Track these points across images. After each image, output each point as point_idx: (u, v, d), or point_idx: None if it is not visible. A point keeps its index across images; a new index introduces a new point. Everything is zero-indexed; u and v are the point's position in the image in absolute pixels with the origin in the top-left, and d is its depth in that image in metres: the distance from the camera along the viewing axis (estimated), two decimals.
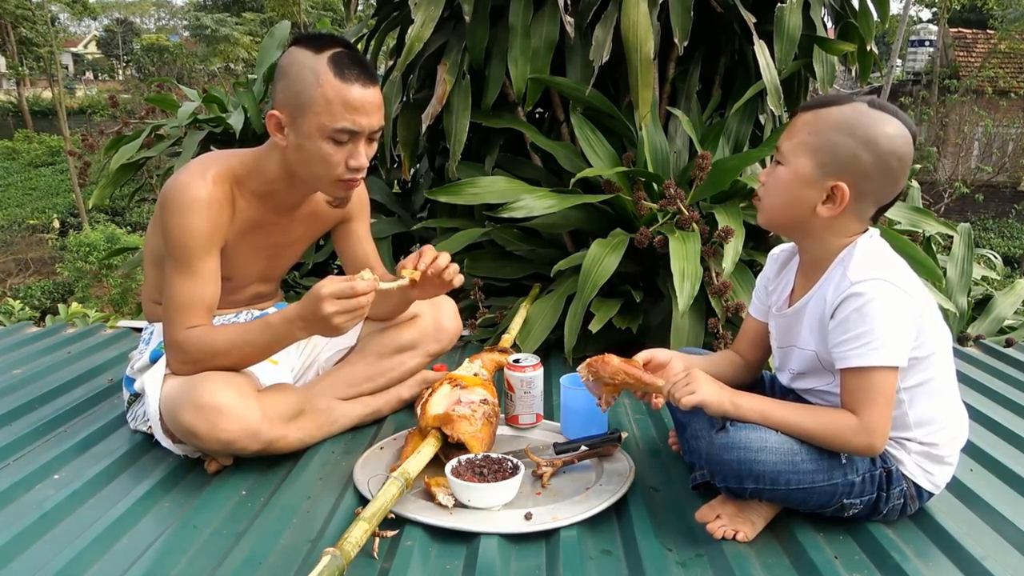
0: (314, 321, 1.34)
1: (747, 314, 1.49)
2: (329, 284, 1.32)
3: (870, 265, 1.18)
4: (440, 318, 1.77)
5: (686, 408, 1.21)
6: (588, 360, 1.35)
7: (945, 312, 2.61)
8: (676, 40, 2.24)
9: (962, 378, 2.03)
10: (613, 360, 1.33)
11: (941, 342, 1.23)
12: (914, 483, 1.24)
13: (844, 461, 1.19)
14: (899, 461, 1.23)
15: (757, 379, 1.49)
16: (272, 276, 1.73)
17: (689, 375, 1.22)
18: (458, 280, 1.52)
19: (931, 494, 1.27)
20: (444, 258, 1.49)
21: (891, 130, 1.17)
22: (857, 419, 1.15)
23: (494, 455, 1.38)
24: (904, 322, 1.15)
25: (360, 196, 1.70)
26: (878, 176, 1.18)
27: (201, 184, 1.42)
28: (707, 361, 1.46)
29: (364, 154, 1.43)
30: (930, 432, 1.23)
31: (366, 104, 1.39)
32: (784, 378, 1.37)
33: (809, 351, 1.26)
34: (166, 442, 1.46)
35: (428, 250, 1.50)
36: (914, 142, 1.20)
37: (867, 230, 1.24)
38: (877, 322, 1.13)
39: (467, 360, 1.75)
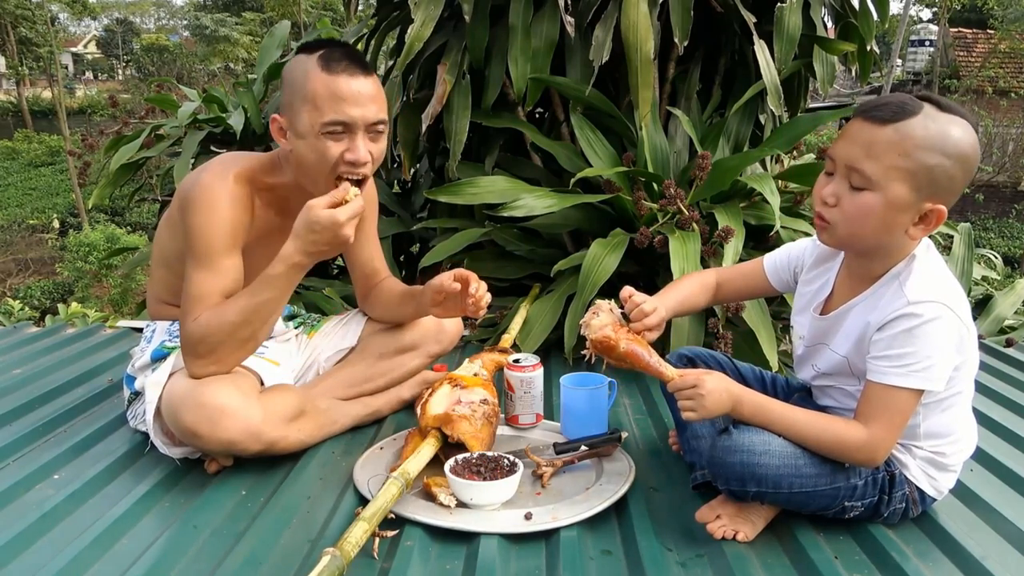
0: (333, 245, 1.37)
1: (761, 265, 1.45)
2: (339, 213, 1.34)
3: (929, 285, 1.14)
4: (441, 319, 1.77)
5: (685, 418, 1.22)
6: (592, 340, 1.31)
7: None
8: (676, 40, 2.24)
9: None
10: (619, 345, 1.29)
11: (971, 362, 1.20)
12: (917, 487, 1.24)
13: (847, 465, 1.19)
14: (903, 465, 1.23)
15: (757, 379, 1.49)
16: None
17: (697, 385, 1.19)
18: (482, 313, 1.55)
19: (933, 499, 1.27)
20: (486, 299, 1.54)
21: (970, 136, 1.11)
22: (865, 433, 1.14)
23: (490, 454, 1.38)
24: (950, 349, 1.13)
25: (370, 195, 1.69)
26: (964, 186, 1.15)
27: (223, 184, 1.43)
28: (677, 293, 1.45)
29: (362, 148, 1.40)
30: (939, 444, 1.22)
31: (355, 94, 1.38)
32: (806, 374, 1.36)
33: (840, 356, 1.24)
34: (163, 447, 1.46)
35: (473, 277, 1.53)
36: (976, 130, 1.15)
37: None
38: (925, 346, 1.11)
39: (467, 360, 1.75)
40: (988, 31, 15.37)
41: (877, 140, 1.11)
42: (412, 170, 2.75)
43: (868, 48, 2.60)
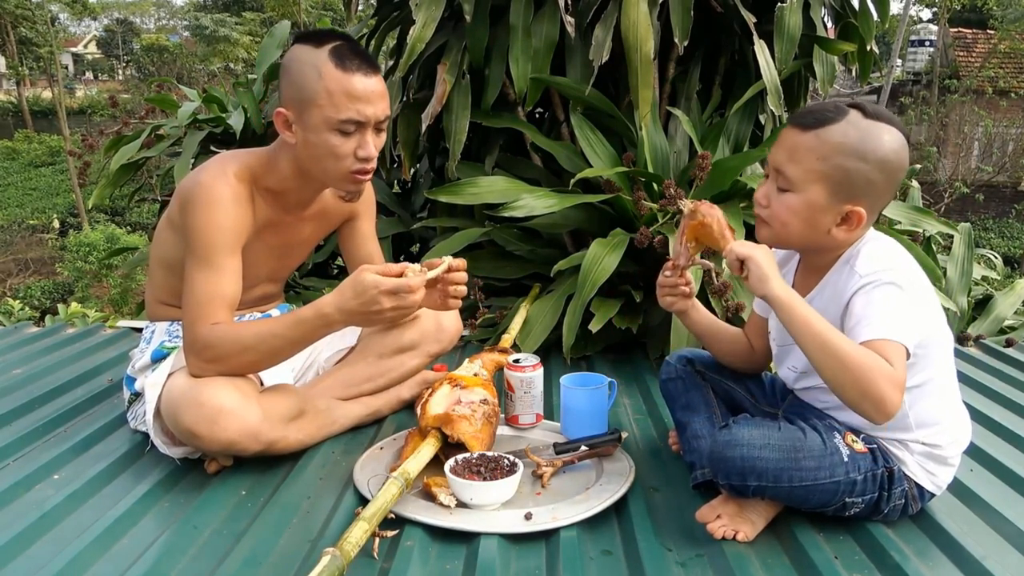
0: (364, 314, 1.34)
1: (752, 308, 1.49)
2: (384, 281, 1.31)
3: (877, 259, 1.18)
4: (441, 319, 1.77)
5: (733, 255, 1.18)
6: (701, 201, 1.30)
7: (945, 312, 2.61)
8: (676, 40, 2.24)
9: (962, 378, 2.03)
10: (717, 212, 1.27)
11: (942, 342, 1.22)
12: (916, 483, 1.24)
13: (846, 459, 1.19)
14: (901, 461, 1.23)
15: (756, 379, 1.49)
16: (279, 276, 1.73)
17: (762, 247, 1.19)
18: (454, 303, 1.51)
19: (932, 494, 1.27)
20: (461, 277, 1.49)
21: (894, 143, 1.17)
22: (891, 366, 1.09)
23: (490, 454, 1.38)
24: (911, 309, 1.14)
25: (367, 195, 1.70)
26: (889, 190, 1.20)
27: (224, 182, 1.43)
28: (718, 325, 1.48)
29: (372, 144, 1.44)
30: (932, 434, 1.23)
31: (369, 93, 1.41)
32: (789, 377, 1.37)
33: None
34: (163, 447, 1.46)
35: (447, 258, 1.50)
36: (908, 141, 1.20)
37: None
38: (888, 303, 1.12)
39: (467, 360, 1.75)
40: (988, 31, 15.36)
41: (800, 145, 1.19)
42: (412, 170, 2.75)
43: (868, 48, 2.60)
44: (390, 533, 1.22)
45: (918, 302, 1.16)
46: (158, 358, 1.54)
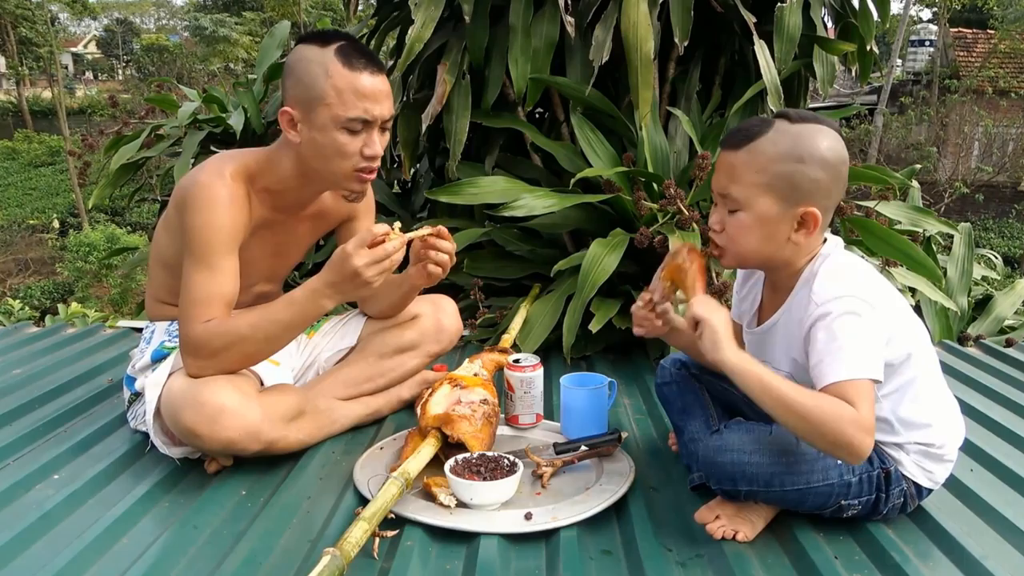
0: (350, 285, 1.35)
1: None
2: (359, 254, 1.32)
3: (834, 283, 1.17)
4: (441, 318, 1.78)
5: (691, 313, 1.18)
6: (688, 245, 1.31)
7: (945, 312, 2.61)
8: (676, 40, 2.24)
9: (962, 378, 2.03)
10: (697, 259, 1.28)
11: (917, 344, 1.22)
12: (914, 482, 1.24)
13: (840, 462, 1.19)
14: (898, 462, 1.23)
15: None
16: (276, 276, 1.73)
17: (721, 310, 1.18)
18: (434, 270, 1.50)
19: (930, 490, 1.27)
20: (444, 244, 1.48)
21: (827, 140, 1.17)
22: (854, 410, 1.09)
23: (490, 454, 1.38)
24: (873, 335, 1.13)
25: (367, 195, 1.70)
26: (835, 188, 1.20)
27: (221, 182, 1.43)
28: None
29: (378, 143, 1.44)
30: (925, 435, 1.22)
31: (376, 92, 1.41)
32: None
33: (785, 372, 1.25)
34: (163, 447, 1.46)
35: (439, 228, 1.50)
36: (841, 136, 1.21)
37: (826, 240, 1.24)
38: (847, 338, 1.11)
39: (467, 360, 1.75)
40: (988, 31, 15.35)
41: (736, 164, 1.20)
42: (412, 170, 2.76)
43: (868, 48, 2.61)
44: (390, 533, 1.22)
45: (881, 320, 1.14)
46: (158, 358, 1.54)
